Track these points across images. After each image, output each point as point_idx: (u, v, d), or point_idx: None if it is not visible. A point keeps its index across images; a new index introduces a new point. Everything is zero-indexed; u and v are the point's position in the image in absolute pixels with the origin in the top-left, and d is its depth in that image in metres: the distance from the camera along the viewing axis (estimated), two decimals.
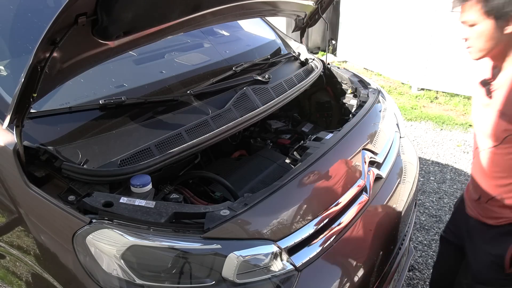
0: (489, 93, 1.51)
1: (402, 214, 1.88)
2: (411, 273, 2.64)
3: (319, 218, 1.53)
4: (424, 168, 3.91)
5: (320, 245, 1.48)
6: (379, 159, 1.98)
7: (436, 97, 5.47)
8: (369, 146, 1.94)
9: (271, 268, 1.33)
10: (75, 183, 1.38)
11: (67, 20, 1.15)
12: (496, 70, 1.53)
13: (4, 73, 1.66)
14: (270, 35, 2.62)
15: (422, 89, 5.65)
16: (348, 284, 1.54)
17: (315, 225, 1.50)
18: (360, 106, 2.21)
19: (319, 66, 2.45)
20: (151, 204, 1.33)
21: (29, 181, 1.34)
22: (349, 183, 1.73)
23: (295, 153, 1.92)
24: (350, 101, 2.46)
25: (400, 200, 1.94)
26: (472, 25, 1.44)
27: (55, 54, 1.19)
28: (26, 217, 1.39)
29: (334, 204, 1.61)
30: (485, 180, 1.53)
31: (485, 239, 1.57)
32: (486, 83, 1.51)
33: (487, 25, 1.41)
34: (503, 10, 1.37)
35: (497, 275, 1.56)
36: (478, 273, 1.62)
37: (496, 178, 1.50)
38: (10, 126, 1.30)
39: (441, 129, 4.69)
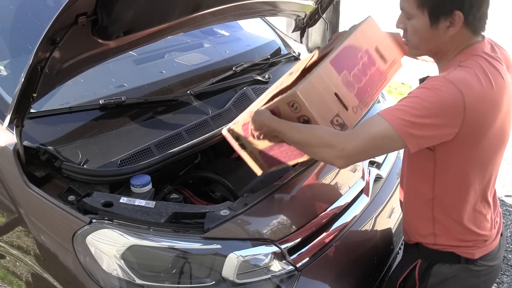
0: None
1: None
2: None
3: (319, 218, 1.53)
4: None
5: (320, 245, 1.48)
6: (379, 159, 1.98)
7: None
8: None
9: (271, 268, 1.33)
10: (75, 183, 1.38)
11: (67, 20, 1.15)
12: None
13: (4, 73, 1.66)
14: (270, 35, 2.62)
15: None
16: (348, 284, 1.54)
17: (315, 225, 1.50)
18: None
19: None
20: (151, 204, 1.33)
21: (29, 181, 1.34)
22: (349, 183, 1.73)
23: None
24: None
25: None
26: (409, 18, 1.16)
27: (55, 54, 1.19)
28: (26, 217, 1.39)
29: (334, 204, 1.61)
30: None
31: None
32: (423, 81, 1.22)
33: (421, 22, 1.13)
34: (441, 7, 1.09)
35: None
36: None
37: None
38: (10, 126, 1.30)
39: None
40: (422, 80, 1.23)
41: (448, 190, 1.22)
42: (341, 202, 1.63)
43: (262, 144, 1.43)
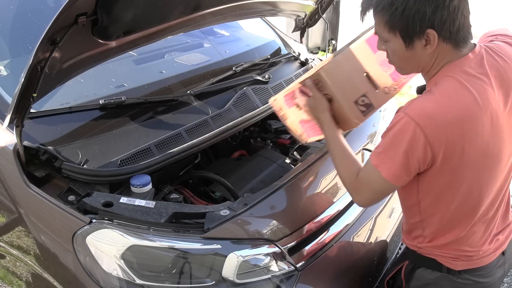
0: None
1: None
2: None
3: (319, 218, 1.53)
4: None
5: (320, 245, 1.48)
6: None
7: None
8: (369, 146, 1.94)
9: (271, 268, 1.33)
10: (75, 183, 1.38)
11: (67, 20, 1.15)
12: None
13: (4, 73, 1.66)
14: (270, 35, 2.62)
15: None
16: (348, 284, 1.54)
17: (315, 225, 1.50)
18: None
19: None
20: (151, 204, 1.33)
21: (29, 181, 1.34)
22: None
23: (295, 153, 1.92)
24: None
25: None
26: (385, 41, 1.13)
27: (55, 54, 1.19)
28: (26, 217, 1.39)
29: (334, 203, 1.61)
30: None
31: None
32: (421, 90, 1.20)
33: (396, 44, 1.10)
34: (411, 29, 1.05)
35: None
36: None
37: None
38: (10, 126, 1.30)
39: None
40: (419, 89, 1.22)
41: (434, 215, 1.20)
42: (341, 202, 1.63)
43: (303, 115, 1.44)
